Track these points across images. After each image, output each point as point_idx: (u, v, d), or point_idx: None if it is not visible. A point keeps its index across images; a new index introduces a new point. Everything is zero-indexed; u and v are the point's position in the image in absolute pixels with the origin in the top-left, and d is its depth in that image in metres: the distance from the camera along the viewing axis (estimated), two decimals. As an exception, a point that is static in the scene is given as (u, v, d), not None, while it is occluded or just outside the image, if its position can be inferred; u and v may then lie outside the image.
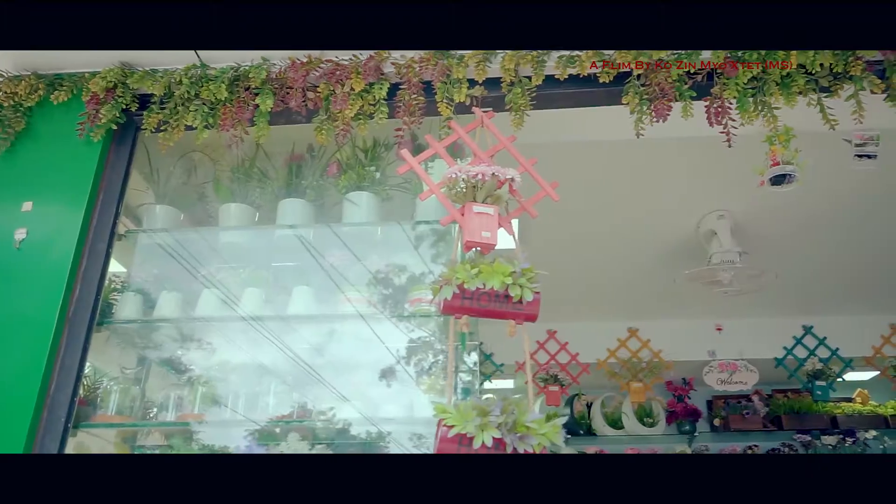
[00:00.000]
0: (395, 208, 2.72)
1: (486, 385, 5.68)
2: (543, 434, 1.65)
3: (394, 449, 2.47)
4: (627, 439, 5.62)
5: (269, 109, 2.52)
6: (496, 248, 1.87)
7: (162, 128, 2.58)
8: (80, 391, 2.39)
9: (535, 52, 2.44)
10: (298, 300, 2.61)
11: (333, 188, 2.73)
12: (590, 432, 5.67)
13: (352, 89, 2.47)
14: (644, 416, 5.68)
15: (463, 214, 1.88)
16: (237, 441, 2.48)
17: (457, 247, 1.98)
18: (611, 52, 2.43)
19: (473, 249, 1.88)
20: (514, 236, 1.96)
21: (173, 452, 2.52)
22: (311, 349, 2.62)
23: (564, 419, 5.42)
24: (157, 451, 2.69)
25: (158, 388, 2.65)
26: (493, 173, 1.88)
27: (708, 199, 4.07)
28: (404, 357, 2.60)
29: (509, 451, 1.60)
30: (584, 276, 4.96)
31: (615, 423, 5.65)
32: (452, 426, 1.62)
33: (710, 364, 5.39)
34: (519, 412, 1.67)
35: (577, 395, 5.80)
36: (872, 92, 2.33)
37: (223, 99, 2.54)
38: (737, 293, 4.30)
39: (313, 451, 2.37)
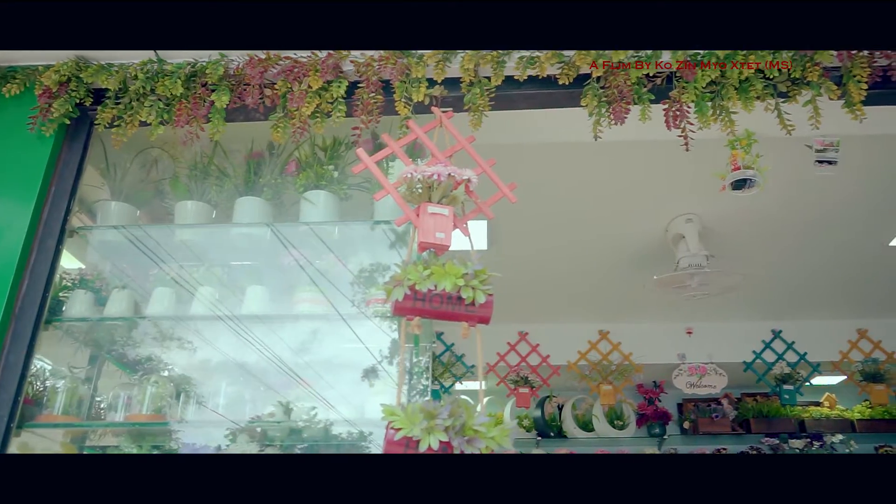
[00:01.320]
0: (354, 207, 2.68)
1: (458, 386, 5.67)
2: (491, 438, 1.64)
3: (359, 450, 2.44)
4: (598, 441, 5.64)
5: (225, 106, 2.48)
6: (453, 249, 1.85)
7: (116, 123, 2.53)
8: (27, 390, 2.33)
9: (494, 53, 2.42)
10: (253, 299, 2.57)
11: (292, 187, 2.69)
12: (560, 434, 5.68)
13: (309, 87, 2.43)
14: (614, 418, 5.70)
15: (418, 215, 1.85)
16: (187, 440, 2.44)
17: (411, 247, 1.95)
18: (570, 52, 2.42)
19: (428, 250, 1.85)
20: (469, 237, 1.94)
21: (119, 453, 2.47)
22: (264, 349, 2.58)
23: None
24: (102, 452, 2.64)
25: (108, 388, 2.59)
26: (450, 174, 1.86)
27: (676, 202, 4.07)
28: (363, 358, 2.57)
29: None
30: (555, 279, 4.96)
31: (586, 426, 5.67)
32: (399, 429, 1.60)
33: (679, 367, 5.43)
34: (467, 415, 1.65)
35: (547, 397, 5.81)
36: (830, 98, 2.34)
37: (179, 95, 2.49)
38: (704, 296, 4.32)
39: (263, 452, 2.33)
